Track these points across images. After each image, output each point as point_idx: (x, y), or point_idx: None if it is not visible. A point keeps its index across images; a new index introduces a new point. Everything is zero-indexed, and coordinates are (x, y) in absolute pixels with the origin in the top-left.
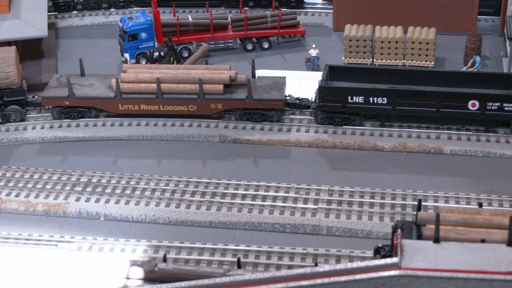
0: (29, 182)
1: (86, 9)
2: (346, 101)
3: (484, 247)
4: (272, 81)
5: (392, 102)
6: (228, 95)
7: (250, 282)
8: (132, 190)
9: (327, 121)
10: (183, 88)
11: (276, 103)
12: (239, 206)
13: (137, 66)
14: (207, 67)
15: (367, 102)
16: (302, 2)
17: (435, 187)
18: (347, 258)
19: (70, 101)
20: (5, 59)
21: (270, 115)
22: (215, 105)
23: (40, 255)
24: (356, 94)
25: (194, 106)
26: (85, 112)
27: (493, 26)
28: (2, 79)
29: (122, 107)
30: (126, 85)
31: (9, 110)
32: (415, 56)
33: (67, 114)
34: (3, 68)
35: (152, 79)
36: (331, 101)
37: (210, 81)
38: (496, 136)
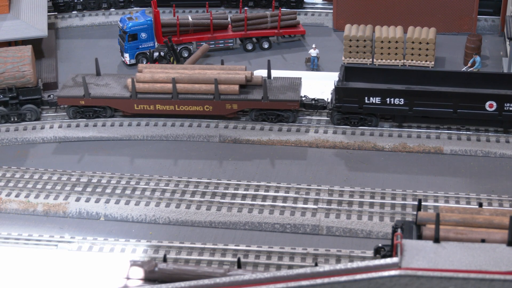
0: (29, 182)
1: (86, 9)
2: (362, 102)
3: (484, 247)
4: (287, 81)
5: (409, 103)
6: (244, 95)
7: (250, 282)
8: (132, 190)
9: (343, 121)
10: (198, 88)
11: (291, 103)
12: (239, 206)
13: (152, 66)
14: (222, 67)
15: (384, 103)
16: (302, 2)
17: (435, 187)
18: (347, 258)
19: (85, 100)
20: (21, 58)
21: (286, 115)
22: (231, 106)
23: (40, 255)
24: (373, 94)
25: (209, 107)
26: (100, 112)
27: (493, 26)
28: (18, 78)
29: (138, 107)
30: (141, 85)
31: (24, 109)
32: (415, 56)
33: (83, 113)
34: (19, 67)
35: (167, 79)
36: (347, 101)
37: (225, 82)
38: (496, 136)
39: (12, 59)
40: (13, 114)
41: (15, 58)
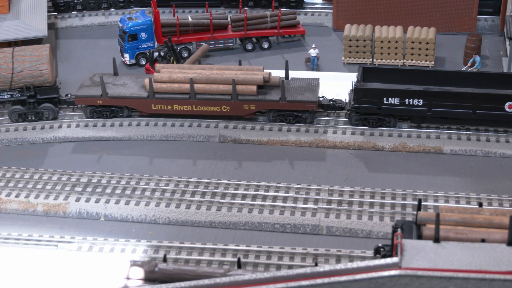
0: (29, 182)
1: (86, 10)
2: (381, 103)
3: (484, 247)
4: (305, 82)
5: (428, 103)
6: (262, 96)
7: (250, 282)
8: (132, 190)
9: (361, 122)
10: (216, 88)
11: (309, 104)
12: (239, 206)
13: (170, 66)
14: (240, 67)
15: (402, 104)
16: (302, 2)
17: (435, 186)
18: (347, 258)
19: (103, 100)
20: (39, 57)
21: (304, 116)
22: (248, 106)
23: (40, 255)
24: (392, 95)
25: (227, 107)
26: (117, 111)
27: (493, 26)
28: (36, 77)
29: (155, 107)
30: (159, 85)
31: (42, 108)
32: (415, 56)
33: (100, 113)
34: (37, 66)
35: (185, 79)
36: (366, 102)
37: (243, 82)
38: (496, 135)
39: (30, 58)
40: (30, 113)
41: (33, 57)
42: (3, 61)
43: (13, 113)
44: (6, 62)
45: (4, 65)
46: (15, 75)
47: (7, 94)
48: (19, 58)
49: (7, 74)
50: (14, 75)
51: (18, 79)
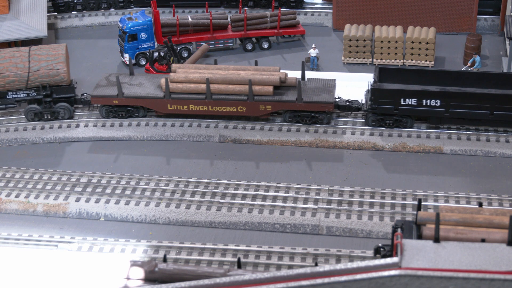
0: (29, 182)
1: (86, 10)
2: (398, 103)
3: (484, 247)
4: (321, 83)
5: (446, 104)
6: (278, 96)
7: (250, 282)
8: (132, 191)
9: (378, 123)
10: (232, 89)
11: (326, 105)
12: (239, 206)
13: (186, 66)
14: (256, 68)
15: (420, 104)
16: (302, 2)
17: (435, 186)
18: (347, 258)
19: (119, 100)
20: (55, 56)
21: (321, 117)
22: (264, 107)
23: (40, 255)
24: (409, 96)
25: (243, 108)
26: (133, 111)
27: (493, 26)
28: (52, 76)
29: (171, 107)
30: (175, 85)
31: (58, 107)
32: (415, 55)
33: (115, 113)
34: (53, 65)
35: (201, 79)
36: (383, 103)
37: (260, 83)
38: (496, 135)
39: (47, 57)
40: (46, 112)
41: (49, 56)
42: (19, 60)
43: (29, 112)
44: (23, 61)
45: (21, 64)
46: (32, 74)
47: (23, 93)
48: (35, 57)
49: (24, 73)
50: (31, 74)
51: (35, 78)
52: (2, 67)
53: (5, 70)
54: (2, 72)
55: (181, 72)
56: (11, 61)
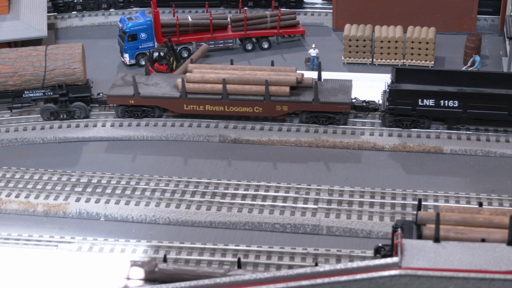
0: (29, 182)
1: (86, 10)
2: (416, 104)
3: (484, 247)
4: (338, 84)
5: (463, 105)
6: (294, 97)
7: (250, 282)
8: (132, 191)
9: (395, 124)
10: (249, 89)
11: (343, 106)
12: (239, 206)
13: (202, 66)
14: (273, 68)
15: (437, 105)
16: (302, 2)
17: (435, 186)
18: (347, 258)
19: (135, 100)
20: (71, 55)
21: (337, 118)
22: (281, 107)
23: (40, 255)
24: (426, 97)
25: (259, 108)
26: (149, 111)
27: (493, 26)
28: (68, 75)
29: (187, 107)
30: (191, 85)
31: (74, 106)
32: (415, 55)
33: (131, 113)
34: (70, 64)
35: (218, 79)
36: (400, 103)
37: (276, 83)
38: (496, 135)
39: (63, 56)
40: (62, 111)
41: (65, 56)
42: (36, 59)
43: (45, 111)
44: (39, 60)
45: (37, 63)
46: (48, 73)
47: (40, 92)
48: (52, 56)
49: (40, 72)
50: (47, 73)
51: (51, 77)
52: (19, 66)
53: (21, 69)
54: (19, 71)
55: (198, 72)
56: (28, 60)
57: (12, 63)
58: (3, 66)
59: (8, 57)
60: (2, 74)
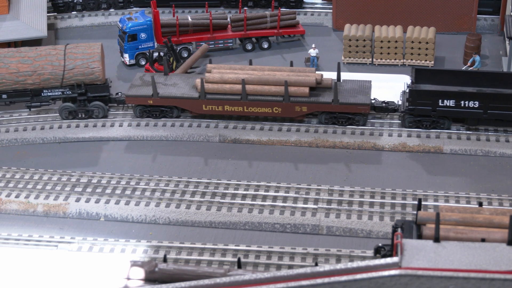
0: (29, 183)
1: (86, 10)
2: (436, 105)
3: (484, 246)
4: (357, 84)
5: (484, 106)
6: (314, 98)
7: (250, 282)
8: (132, 191)
9: (414, 124)
10: (268, 90)
11: (362, 107)
12: (239, 206)
13: (221, 67)
14: (292, 69)
15: (458, 106)
16: (302, 2)
17: (435, 186)
18: (347, 258)
19: (154, 100)
20: (90, 55)
21: (357, 119)
22: (300, 108)
23: (40, 256)
24: (447, 97)
25: (278, 109)
26: (167, 111)
27: (493, 25)
28: (87, 75)
29: (206, 107)
30: (210, 86)
31: (92, 106)
32: (415, 55)
33: (149, 113)
34: (88, 63)
35: (237, 80)
36: (420, 104)
37: (295, 84)
38: (496, 135)
39: (82, 55)
40: (80, 110)
41: (84, 55)
42: (55, 58)
43: (64, 110)
44: (58, 59)
45: (56, 62)
46: (67, 72)
47: (58, 91)
48: (71, 55)
49: (59, 71)
50: (66, 72)
51: (69, 77)
52: (38, 65)
53: (40, 68)
54: (38, 70)
55: (217, 72)
56: (47, 59)
57: (31, 62)
58: (22, 65)
59: (27, 56)
60: (21, 73)
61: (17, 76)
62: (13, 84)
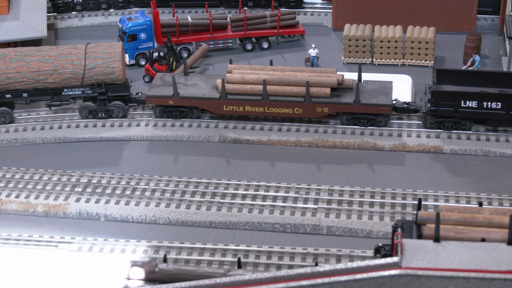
0: (29, 183)
1: (86, 10)
2: (458, 106)
3: (484, 246)
4: (378, 85)
5: (507, 107)
6: (335, 98)
7: (250, 282)
8: (132, 191)
9: (436, 125)
10: (289, 90)
11: (384, 108)
12: (239, 206)
13: (242, 67)
14: (313, 69)
15: (480, 107)
16: (301, 2)
17: (435, 186)
18: (347, 258)
19: (174, 100)
20: (111, 54)
21: (378, 120)
22: (321, 109)
23: (41, 256)
24: (469, 98)
25: (299, 109)
26: (187, 112)
27: (493, 25)
28: (108, 74)
29: (227, 108)
30: (231, 86)
31: (112, 105)
32: (415, 55)
33: (169, 113)
34: (109, 63)
35: (258, 80)
36: (443, 105)
37: (317, 84)
38: (496, 135)
39: (103, 55)
40: (100, 110)
41: (105, 54)
42: (76, 57)
43: (84, 110)
44: (79, 59)
45: (77, 62)
46: (87, 72)
47: (79, 90)
48: (91, 55)
49: (79, 70)
50: (86, 72)
51: (90, 76)
52: (59, 64)
53: (61, 67)
54: (58, 69)
55: (237, 73)
56: (68, 58)
57: (52, 61)
58: (43, 63)
59: (48, 55)
60: (42, 72)
61: (38, 75)
62: (33, 83)
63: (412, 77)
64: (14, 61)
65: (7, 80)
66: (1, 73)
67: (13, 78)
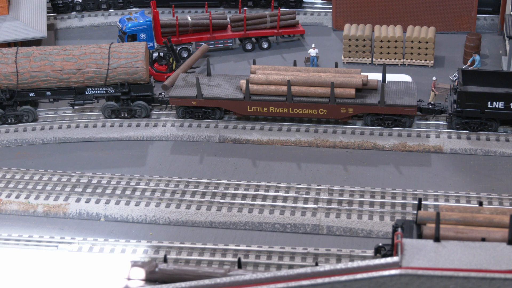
0: (29, 183)
1: (85, 10)
2: (485, 107)
3: (484, 246)
4: (403, 86)
5: None
6: (360, 99)
7: (250, 282)
8: (132, 191)
9: (462, 126)
10: (314, 91)
11: (409, 109)
12: (239, 206)
13: (265, 68)
14: (337, 70)
15: (507, 108)
16: (301, 2)
17: (435, 186)
18: (347, 258)
19: (197, 101)
20: (135, 54)
21: (403, 121)
22: (346, 110)
23: (41, 256)
24: (496, 99)
25: (324, 110)
26: (209, 113)
27: (492, 25)
28: (131, 74)
29: (251, 108)
30: (255, 87)
31: (135, 105)
32: (415, 55)
33: (192, 114)
34: (133, 63)
35: (282, 81)
36: (469, 106)
37: (341, 85)
38: (496, 134)
39: (126, 54)
40: (123, 109)
41: (129, 54)
42: (99, 56)
43: (107, 109)
44: (103, 58)
45: (101, 61)
46: (111, 71)
47: (102, 89)
48: (115, 54)
49: (103, 69)
50: (110, 71)
51: (113, 75)
52: (82, 63)
53: (85, 66)
54: (82, 68)
55: (261, 73)
56: (91, 57)
57: (75, 60)
58: (66, 63)
59: (72, 54)
60: (65, 71)
61: (62, 74)
62: (57, 82)
63: (412, 77)
64: (38, 59)
65: (31, 79)
66: (25, 72)
67: (36, 76)
